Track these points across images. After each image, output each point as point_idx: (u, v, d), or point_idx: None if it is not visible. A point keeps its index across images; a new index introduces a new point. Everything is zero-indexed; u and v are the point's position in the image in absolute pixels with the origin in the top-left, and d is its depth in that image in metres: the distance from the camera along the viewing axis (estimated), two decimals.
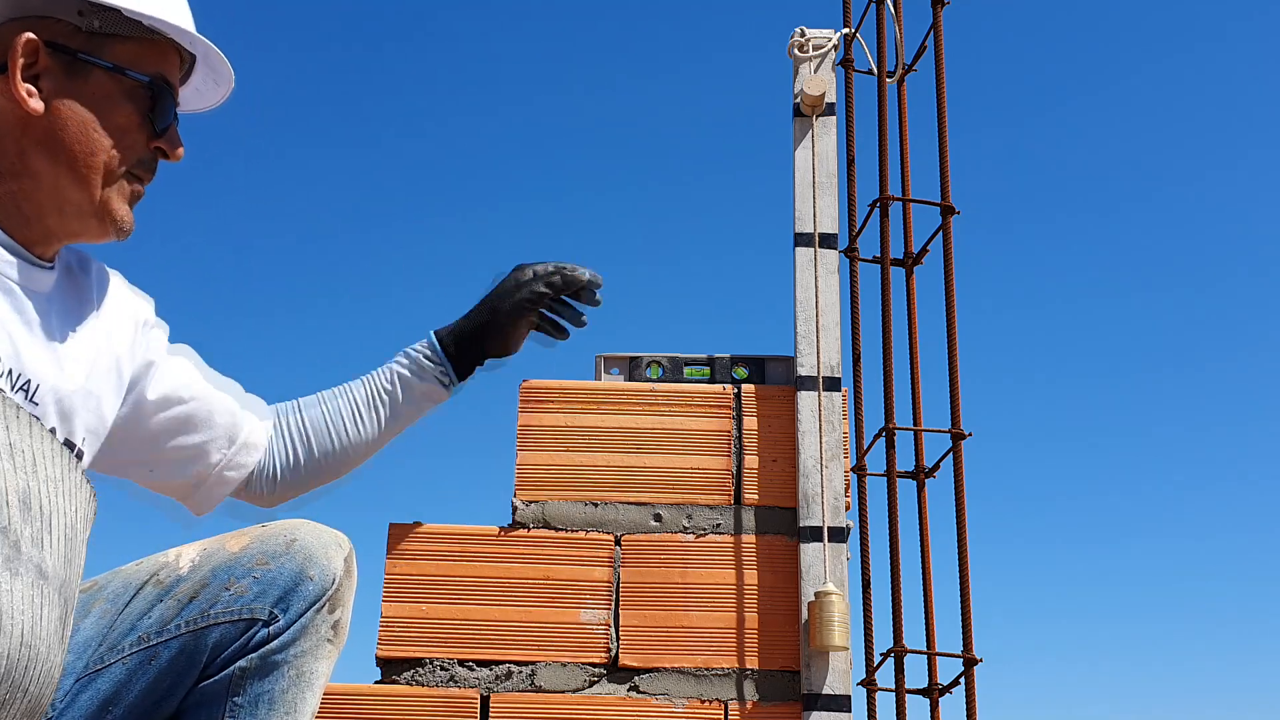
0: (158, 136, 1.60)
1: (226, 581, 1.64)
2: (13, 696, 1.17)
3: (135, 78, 1.56)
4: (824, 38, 2.67)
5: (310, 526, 1.72)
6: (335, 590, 1.67)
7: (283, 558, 1.66)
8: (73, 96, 1.53)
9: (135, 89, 1.57)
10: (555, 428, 2.46)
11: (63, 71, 1.53)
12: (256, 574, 1.64)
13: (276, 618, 1.64)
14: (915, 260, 2.56)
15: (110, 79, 1.55)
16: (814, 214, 2.57)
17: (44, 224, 1.56)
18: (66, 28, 1.53)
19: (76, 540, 1.34)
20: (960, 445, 2.41)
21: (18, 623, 1.17)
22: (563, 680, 2.30)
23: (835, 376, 2.46)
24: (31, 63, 1.52)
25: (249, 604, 1.63)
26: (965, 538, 2.38)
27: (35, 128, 1.52)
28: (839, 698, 2.27)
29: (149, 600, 1.64)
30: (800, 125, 2.63)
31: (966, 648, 2.32)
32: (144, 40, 1.58)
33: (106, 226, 1.60)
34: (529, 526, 2.40)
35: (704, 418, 2.48)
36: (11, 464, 1.24)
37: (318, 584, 1.66)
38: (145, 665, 1.62)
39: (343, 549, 1.71)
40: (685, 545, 2.39)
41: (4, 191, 1.54)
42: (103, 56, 1.55)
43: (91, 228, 1.60)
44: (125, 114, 1.57)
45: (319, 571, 1.66)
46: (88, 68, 1.54)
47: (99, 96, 1.55)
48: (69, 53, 1.53)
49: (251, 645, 1.63)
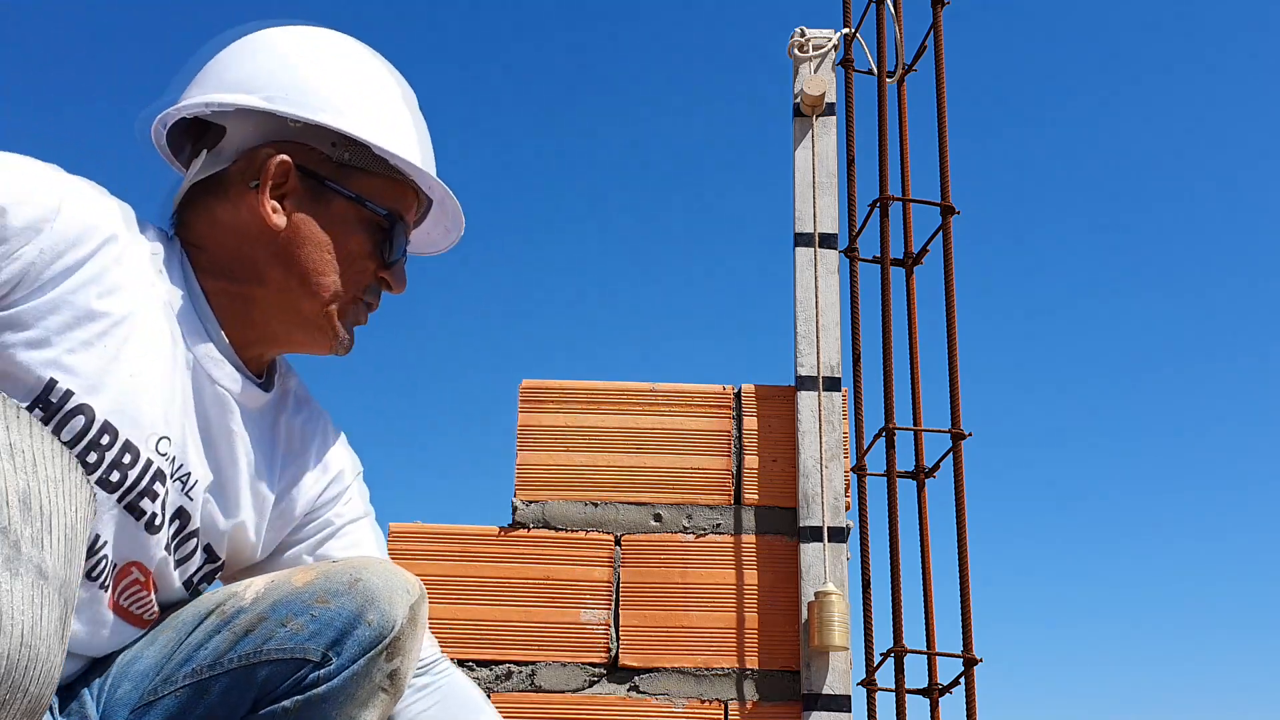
0: (385, 268, 1.67)
1: (285, 617, 1.57)
2: (13, 697, 1.17)
3: (374, 210, 1.64)
4: (824, 38, 2.67)
5: (379, 566, 1.62)
6: (395, 638, 1.57)
7: (343, 597, 1.57)
8: (313, 218, 1.62)
9: (372, 220, 1.65)
10: (555, 428, 2.46)
11: (308, 194, 1.62)
12: (315, 611, 1.56)
13: (329, 660, 1.55)
14: (915, 260, 2.56)
15: (350, 207, 1.63)
16: (814, 214, 2.57)
17: (267, 328, 1.64)
18: (318, 155, 1.62)
19: (76, 540, 1.34)
20: (960, 445, 2.41)
21: (18, 623, 1.17)
22: (563, 680, 2.30)
23: (835, 376, 2.47)
24: (281, 182, 1.61)
25: (303, 643, 1.55)
26: (965, 538, 2.38)
27: (275, 241, 1.61)
28: (839, 698, 2.27)
29: (209, 631, 1.58)
30: (800, 125, 2.63)
31: (966, 648, 2.32)
32: (387, 177, 1.65)
33: (327, 339, 1.66)
34: (529, 526, 2.40)
35: (704, 418, 2.48)
36: (11, 464, 1.24)
37: (375, 629, 1.56)
38: (196, 700, 1.56)
39: (410, 595, 1.60)
40: (685, 545, 2.39)
41: (235, 293, 1.62)
42: (347, 186, 1.63)
43: (313, 339, 1.66)
44: (359, 242, 1.64)
45: (378, 616, 1.57)
46: (331, 194, 1.63)
47: (337, 222, 1.63)
48: (317, 178, 1.62)
49: (301, 687, 1.56)
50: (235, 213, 1.61)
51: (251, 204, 1.60)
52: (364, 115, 1.62)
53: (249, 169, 1.61)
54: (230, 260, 1.62)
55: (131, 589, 1.57)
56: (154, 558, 1.57)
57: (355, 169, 1.63)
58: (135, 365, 1.50)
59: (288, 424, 1.73)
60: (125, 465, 1.49)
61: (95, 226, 1.47)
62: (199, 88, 1.66)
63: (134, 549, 1.55)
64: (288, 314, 1.63)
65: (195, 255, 1.62)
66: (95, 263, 1.46)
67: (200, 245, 1.62)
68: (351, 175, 1.63)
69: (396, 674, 1.60)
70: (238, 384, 1.62)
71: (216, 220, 1.62)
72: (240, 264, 1.62)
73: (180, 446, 1.56)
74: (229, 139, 1.62)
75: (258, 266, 1.61)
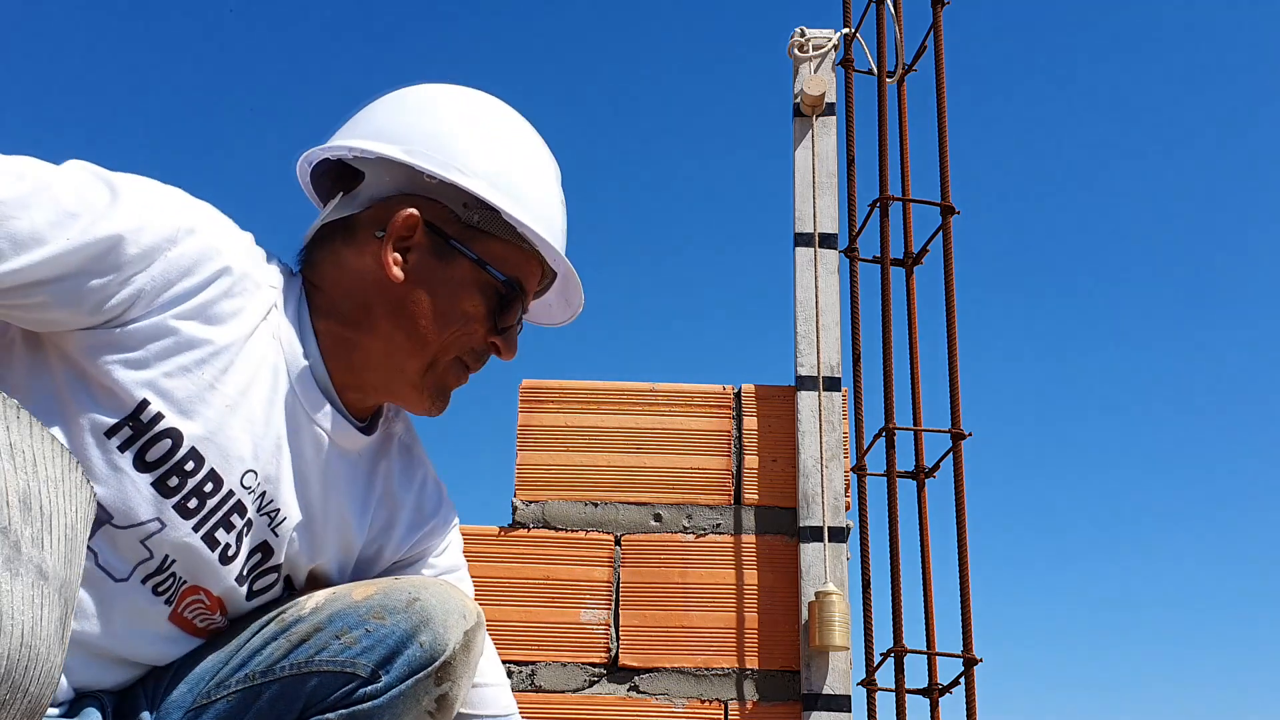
0: (497, 333, 1.66)
1: (340, 629, 1.56)
2: (13, 697, 1.17)
3: (494, 275, 1.63)
4: (824, 38, 2.67)
5: (440, 588, 1.61)
6: (446, 661, 1.56)
7: (399, 614, 1.56)
8: (433, 274, 1.61)
9: (490, 284, 1.64)
10: (555, 427, 2.46)
11: (431, 250, 1.61)
12: (370, 626, 1.56)
13: (379, 677, 1.54)
14: (915, 260, 2.56)
15: (471, 269, 1.62)
16: (814, 214, 2.57)
17: (367, 375, 1.63)
18: (448, 214, 1.61)
19: (77, 541, 1.34)
20: (960, 445, 2.41)
21: (18, 623, 1.17)
22: (563, 680, 2.30)
23: (835, 376, 2.47)
24: (407, 236, 1.60)
25: (354, 657, 1.55)
26: (965, 538, 2.38)
27: (390, 292, 1.60)
28: (839, 698, 2.27)
29: (266, 637, 1.58)
30: (800, 125, 2.63)
31: (966, 648, 2.32)
32: (513, 244, 1.64)
33: (422, 399, 1.65)
34: (529, 526, 2.40)
35: (704, 418, 2.48)
36: (12, 464, 1.24)
37: (427, 650, 1.55)
38: (246, 705, 1.56)
39: (467, 620, 1.59)
40: (685, 545, 2.39)
41: (344, 337, 1.62)
42: (471, 248, 1.62)
43: (407, 396, 1.65)
44: (474, 304, 1.63)
45: (431, 638, 1.55)
46: (455, 254, 1.62)
47: (456, 281, 1.62)
48: (443, 236, 1.61)
49: (348, 701, 1.55)
50: (359, 258, 1.61)
51: (375, 252, 1.60)
52: (500, 180, 1.61)
53: (379, 217, 1.61)
54: (345, 304, 1.62)
55: (195, 606, 1.58)
56: (223, 585, 1.57)
57: (483, 232, 1.62)
58: (232, 397, 1.50)
59: (387, 470, 1.72)
60: (206, 494, 1.50)
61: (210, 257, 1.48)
62: (348, 132, 1.67)
63: (203, 575, 1.55)
64: (389, 366, 1.63)
65: (313, 295, 1.63)
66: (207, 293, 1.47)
67: (320, 285, 1.63)
68: (478, 238, 1.62)
69: (445, 699, 1.58)
70: (336, 426, 1.62)
71: (340, 263, 1.63)
72: (354, 309, 1.61)
73: (271, 482, 1.56)
74: (366, 185, 1.63)
75: (370, 314, 1.61)
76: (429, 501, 1.77)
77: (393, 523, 1.73)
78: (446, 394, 1.67)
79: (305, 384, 1.59)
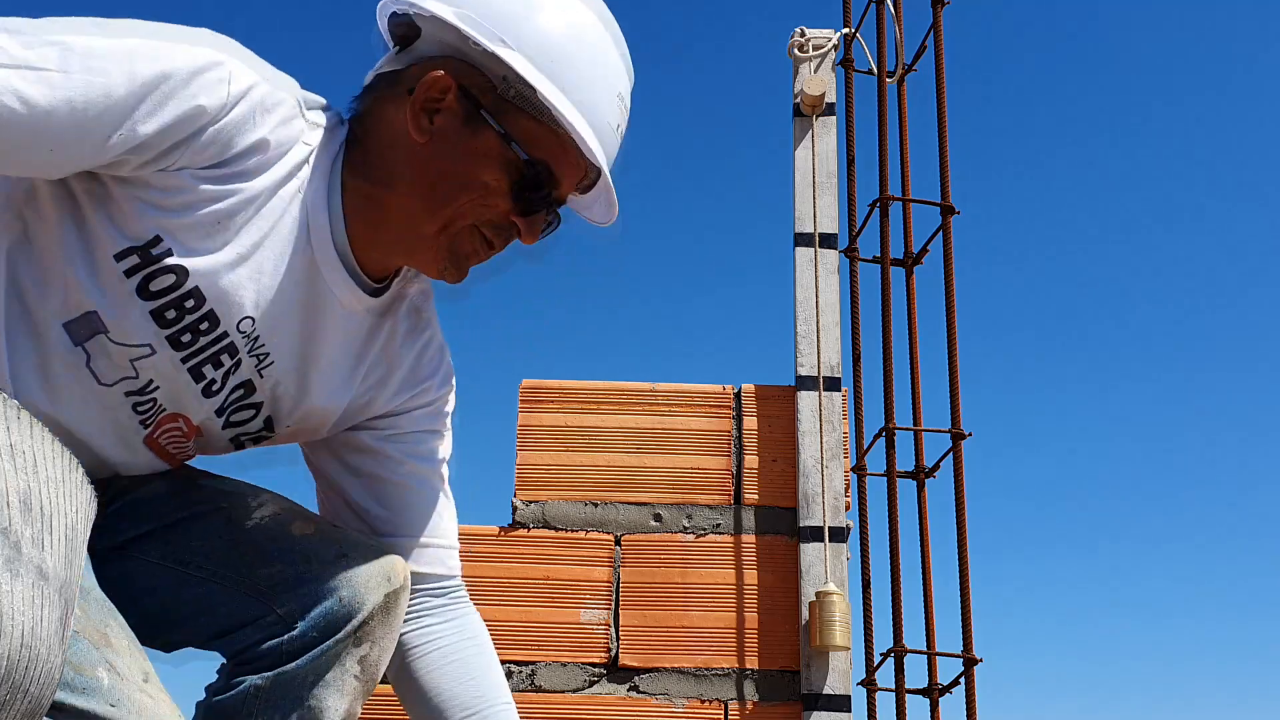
0: (520, 214, 1.62)
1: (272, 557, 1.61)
2: (13, 697, 1.17)
3: (518, 152, 1.59)
4: (824, 38, 2.67)
5: (369, 547, 1.65)
6: (364, 622, 1.59)
7: (325, 565, 1.60)
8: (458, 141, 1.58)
9: (514, 162, 1.60)
10: (555, 428, 2.46)
11: (461, 118, 1.58)
12: (300, 569, 1.60)
13: (293, 624, 1.58)
14: (915, 260, 2.56)
15: (498, 143, 1.58)
16: (814, 214, 2.57)
17: (384, 233, 1.62)
18: (486, 84, 1.58)
19: (77, 541, 1.34)
20: (960, 445, 2.41)
21: (18, 624, 1.17)
22: (563, 680, 2.30)
23: (835, 376, 2.47)
24: (438, 98, 1.57)
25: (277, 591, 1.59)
26: (965, 538, 2.38)
27: (413, 151, 1.58)
28: (839, 698, 2.27)
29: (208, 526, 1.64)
30: (800, 125, 2.63)
31: (966, 648, 2.32)
32: (547, 127, 1.60)
33: (436, 260, 1.63)
34: (529, 526, 2.40)
35: (704, 418, 2.48)
36: (12, 465, 1.24)
37: (345, 608, 1.59)
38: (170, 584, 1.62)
39: (391, 582, 1.62)
40: (685, 545, 2.39)
41: (367, 193, 1.60)
42: (501, 121, 1.58)
43: (422, 257, 1.63)
44: (495, 177, 1.59)
45: (350, 596, 1.59)
46: (483, 124, 1.58)
47: (479, 152, 1.58)
48: (476, 105, 1.58)
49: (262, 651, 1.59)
50: (396, 114, 1.59)
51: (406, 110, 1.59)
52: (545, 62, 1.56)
53: (419, 76, 1.59)
54: (374, 160, 1.60)
55: (172, 433, 1.62)
56: (203, 415, 1.62)
57: (518, 109, 1.58)
58: (245, 247, 1.51)
59: (391, 328, 1.72)
60: (202, 331, 1.53)
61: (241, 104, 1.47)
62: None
63: (185, 404, 1.59)
64: (405, 225, 1.60)
65: (351, 149, 1.61)
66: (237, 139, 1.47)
67: (360, 139, 1.61)
68: (510, 113, 1.58)
69: (367, 660, 1.62)
70: (345, 287, 1.62)
71: (380, 116, 1.61)
72: (380, 166, 1.60)
73: (267, 330, 1.57)
74: (419, 43, 1.61)
75: (392, 172, 1.59)
76: (428, 364, 1.77)
77: (387, 379, 1.73)
78: (461, 261, 1.63)
79: (322, 242, 1.59)
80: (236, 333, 1.55)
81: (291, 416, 1.68)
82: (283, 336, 1.60)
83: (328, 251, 1.60)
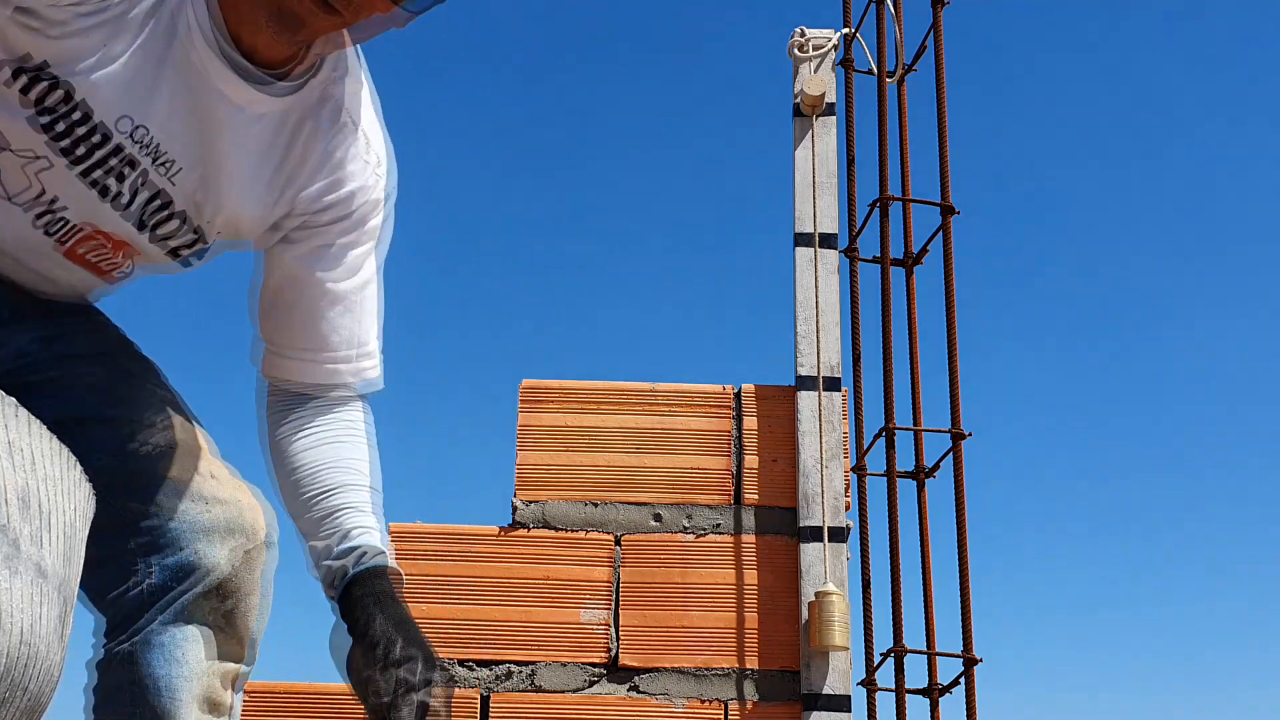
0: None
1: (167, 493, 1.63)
2: (13, 695, 1.17)
3: None
4: (824, 38, 2.67)
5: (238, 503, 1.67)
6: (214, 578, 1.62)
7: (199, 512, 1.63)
8: None
9: None
10: (555, 428, 2.46)
11: None
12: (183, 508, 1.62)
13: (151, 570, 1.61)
14: (915, 260, 2.56)
15: None
16: (814, 214, 2.57)
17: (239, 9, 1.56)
18: None
19: (76, 538, 1.34)
20: (960, 445, 2.41)
21: (17, 621, 1.17)
22: (563, 680, 2.30)
23: (835, 376, 2.47)
24: None
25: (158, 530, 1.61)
26: (965, 538, 2.38)
27: None
28: (839, 698, 2.27)
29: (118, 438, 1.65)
30: (800, 125, 2.63)
31: (966, 648, 2.32)
32: None
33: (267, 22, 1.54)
34: (529, 526, 2.40)
35: (704, 418, 2.48)
36: (10, 462, 1.24)
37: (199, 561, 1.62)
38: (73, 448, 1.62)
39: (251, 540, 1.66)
40: (685, 545, 2.39)
41: None
42: None
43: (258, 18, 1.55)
44: None
45: (204, 548, 1.63)
46: None
47: None
48: None
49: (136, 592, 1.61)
50: None
51: None
52: None
53: None
54: None
55: (96, 249, 1.65)
56: (120, 228, 1.63)
57: None
58: (118, 53, 1.51)
59: (313, 130, 1.67)
60: (95, 144, 1.53)
61: None
62: None
63: (96, 216, 1.61)
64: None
65: None
66: None
67: None
68: None
69: (232, 615, 1.65)
70: (226, 77, 1.58)
71: None
72: None
73: (162, 132, 1.57)
74: None
75: None
76: (351, 166, 1.70)
77: (301, 181, 1.68)
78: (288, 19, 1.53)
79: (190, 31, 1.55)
80: (130, 141, 1.55)
81: (214, 224, 1.67)
82: (180, 140, 1.58)
83: (198, 40, 1.55)
